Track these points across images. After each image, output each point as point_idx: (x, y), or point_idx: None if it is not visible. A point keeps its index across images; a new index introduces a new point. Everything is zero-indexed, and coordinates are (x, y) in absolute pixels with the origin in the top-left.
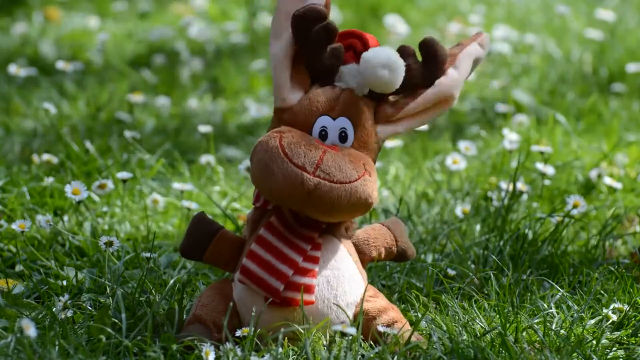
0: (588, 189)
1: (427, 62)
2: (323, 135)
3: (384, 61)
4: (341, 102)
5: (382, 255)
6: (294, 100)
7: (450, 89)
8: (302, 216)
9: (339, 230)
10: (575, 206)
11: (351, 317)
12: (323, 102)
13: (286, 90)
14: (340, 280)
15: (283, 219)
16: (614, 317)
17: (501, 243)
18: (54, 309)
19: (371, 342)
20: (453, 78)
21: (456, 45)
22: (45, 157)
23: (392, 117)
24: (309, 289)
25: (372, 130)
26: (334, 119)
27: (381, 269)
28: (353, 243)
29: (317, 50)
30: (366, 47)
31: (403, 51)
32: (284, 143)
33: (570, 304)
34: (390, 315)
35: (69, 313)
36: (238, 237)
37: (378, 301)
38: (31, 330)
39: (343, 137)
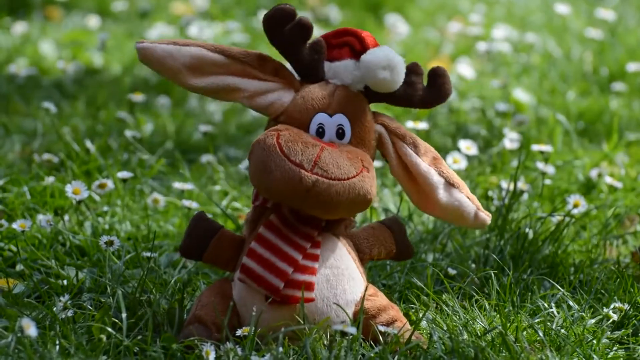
0: (588, 188)
1: (430, 87)
2: (320, 132)
3: (384, 63)
4: (337, 99)
5: (382, 254)
6: (287, 102)
7: (428, 187)
8: (302, 214)
9: (338, 229)
10: (575, 205)
11: (351, 315)
12: (318, 99)
13: (270, 97)
14: (340, 279)
15: (282, 217)
16: (615, 317)
17: (502, 242)
18: (54, 309)
19: (371, 341)
20: (438, 188)
21: (471, 193)
22: (46, 156)
23: (390, 129)
24: (308, 287)
25: (370, 126)
26: (331, 115)
27: (381, 268)
28: (352, 241)
29: (295, 48)
30: (363, 45)
31: (413, 69)
32: (281, 141)
33: (571, 303)
34: (390, 314)
35: (70, 313)
36: (238, 237)
37: (378, 300)
38: (32, 330)
39: (340, 133)
